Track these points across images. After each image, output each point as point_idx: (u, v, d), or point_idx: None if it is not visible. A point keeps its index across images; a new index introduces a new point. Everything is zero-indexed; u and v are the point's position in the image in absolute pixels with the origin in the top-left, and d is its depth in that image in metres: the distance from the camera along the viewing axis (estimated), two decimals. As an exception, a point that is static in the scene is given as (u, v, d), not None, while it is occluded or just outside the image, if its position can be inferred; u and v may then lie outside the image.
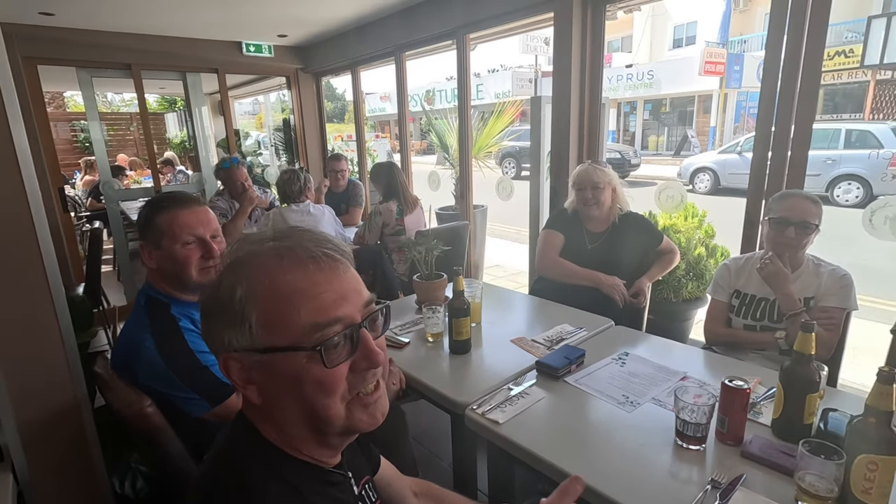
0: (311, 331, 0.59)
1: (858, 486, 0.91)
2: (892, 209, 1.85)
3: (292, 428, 0.64)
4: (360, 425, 0.65)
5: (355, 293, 0.64)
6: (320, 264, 0.61)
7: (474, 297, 1.81)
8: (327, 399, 0.62)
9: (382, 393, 0.68)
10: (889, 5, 14.55)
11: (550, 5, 2.63)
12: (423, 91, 22.13)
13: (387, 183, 2.98)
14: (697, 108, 17.56)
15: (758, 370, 1.49)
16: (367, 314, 0.65)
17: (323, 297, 0.60)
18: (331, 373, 0.61)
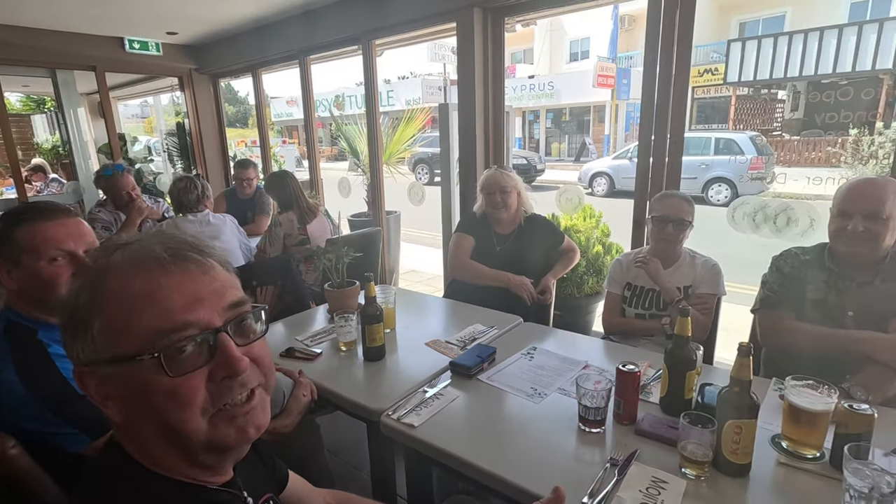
0: (156, 338, 0.54)
1: (728, 448, 1.03)
2: (749, 206, 2.14)
3: (154, 446, 0.58)
4: (228, 441, 0.59)
5: (215, 295, 0.59)
6: (168, 267, 0.56)
7: (387, 303, 1.81)
8: (182, 412, 0.56)
9: (257, 405, 0.62)
10: (744, 31, 16.83)
11: (453, 16, 2.71)
12: (333, 96, 21.68)
13: (281, 193, 2.87)
14: (593, 117, 18.97)
15: (649, 354, 1.64)
16: (232, 317, 0.60)
17: (169, 301, 0.55)
18: (180, 383, 0.55)
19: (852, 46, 11.88)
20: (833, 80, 13.63)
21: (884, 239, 1.44)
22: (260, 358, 0.62)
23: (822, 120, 14.75)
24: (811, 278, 1.58)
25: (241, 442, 0.61)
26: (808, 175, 4.77)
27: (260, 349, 0.63)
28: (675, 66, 2.17)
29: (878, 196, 1.44)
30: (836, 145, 12.03)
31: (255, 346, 0.62)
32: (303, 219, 2.82)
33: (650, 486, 1.02)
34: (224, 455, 0.62)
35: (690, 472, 1.05)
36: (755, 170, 9.61)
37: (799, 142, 13.84)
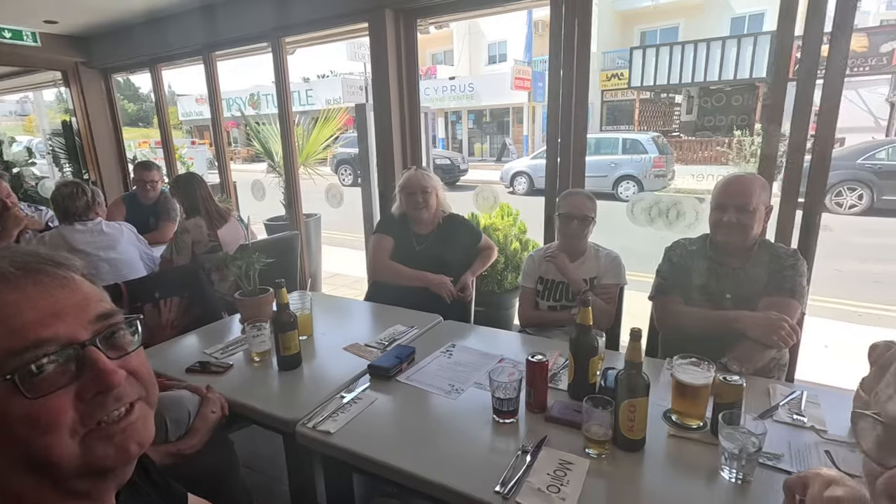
0: (6, 359, 0.49)
1: (624, 425, 1.12)
2: (645, 202, 2.33)
3: (16, 481, 0.52)
4: (107, 462, 0.55)
5: (76, 309, 0.55)
6: (16, 282, 0.52)
7: (303, 309, 1.76)
8: (46, 438, 0.51)
9: (138, 419, 0.58)
10: (644, 39, 18.22)
11: (364, 16, 2.68)
12: (248, 94, 20.62)
13: (188, 197, 2.69)
14: (512, 118, 19.63)
15: (561, 345, 1.73)
16: (101, 330, 0.56)
17: (19, 319, 0.51)
18: (41, 405, 0.50)
19: (733, 57, 13.27)
20: (719, 87, 15.15)
21: (752, 228, 1.63)
22: (138, 370, 0.58)
23: (712, 122, 16.34)
24: (696, 266, 1.75)
25: (122, 462, 0.56)
26: (702, 172, 5.27)
27: (137, 361, 0.59)
28: (575, 71, 2.31)
29: (747, 191, 1.62)
30: (723, 145, 13.41)
31: (133, 358, 0.58)
32: (212, 224, 2.66)
33: (557, 468, 1.08)
34: (102, 479, 0.57)
35: (593, 452, 1.12)
36: (658, 168, 10.48)
37: (693, 142, 15.25)
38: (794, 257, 1.64)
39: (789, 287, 1.58)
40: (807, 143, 2.00)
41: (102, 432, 0.54)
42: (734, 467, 1.03)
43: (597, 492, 1.03)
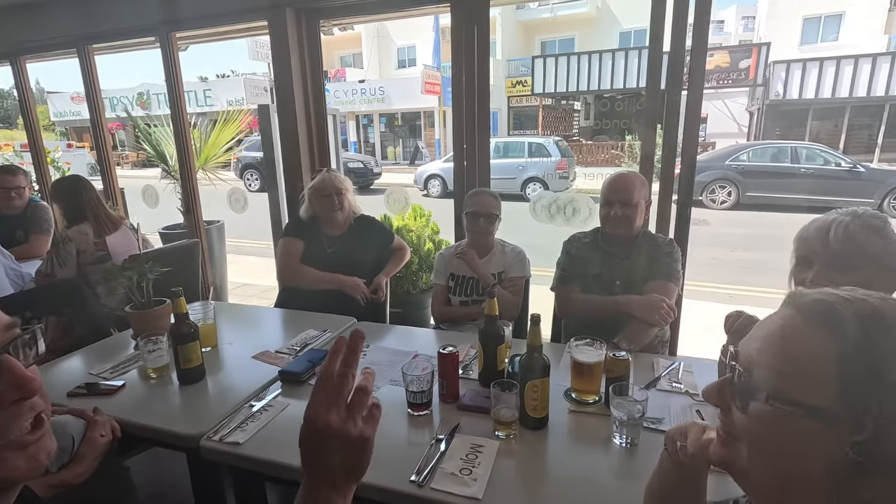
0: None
1: (529, 405, 1.20)
2: (545, 200, 2.49)
3: None
4: (17, 474, 0.54)
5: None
6: None
7: (206, 319, 1.67)
8: None
9: (47, 431, 0.57)
10: (544, 49, 19.35)
11: (263, 14, 2.59)
12: (137, 93, 18.83)
13: (70, 202, 2.42)
14: (424, 122, 19.86)
15: (472, 337, 1.79)
16: (8, 340, 0.55)
17: None
18: None
19: (622, 67, 14.55)
20: (612, 95, 16.54)
21: (636, 220, 1.82)
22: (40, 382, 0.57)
23: (607, 127, 17.76)
24: (590, 257, 1.91)
25: (34, 473, 0.55)
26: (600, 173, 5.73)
27: (37, 374, 0.57)
28: (477, 77, 2.41)
29: (630, 187, 1.81)
30: (616, 149, 14.64)
31: (31, 369, 0.57)
32: (101, 231, 2.41)
33: (469, 452, 1.13)
34: (5, 493, 0.56)
35: (502, 433, 1.19)
36: (561, 170, 11.16)
37: (591, 145, 16.48)
38: (670, 245, 1.85)
39: (667, 272, 1.79)
40: (677, 146, 2.26)
41: (14, 444, 0.54)
42: (623, 433, 1.15)
43: (506, 470, 1.09)
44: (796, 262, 1.17)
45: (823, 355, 0.46)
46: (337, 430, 0.57)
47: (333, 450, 0.58)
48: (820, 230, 1.10)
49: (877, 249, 1.05)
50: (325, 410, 0.58)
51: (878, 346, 0.44)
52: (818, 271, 1.10)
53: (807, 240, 1.13)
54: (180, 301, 1.43)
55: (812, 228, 1.13)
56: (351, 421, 0.58)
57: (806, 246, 1.13)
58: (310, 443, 0.58)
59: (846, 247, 1.06)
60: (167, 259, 2.11)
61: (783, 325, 0.51)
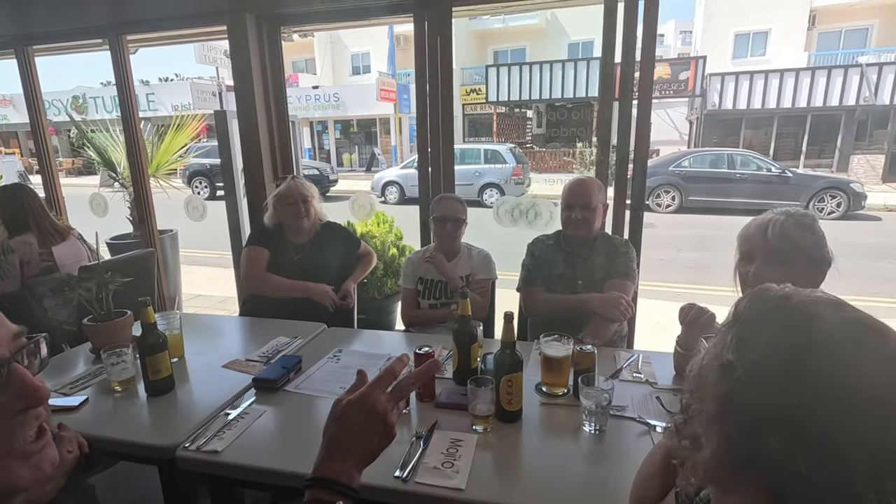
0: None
1: (504, 400, 1.26)
2: (508, 205, 2.58)
3: None
4: (21, 483, 0.54)
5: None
6: None
7: (172, 329, 1.63)
8: None
9: (49, 441, 0.57)
10: (497, 58, 19.77)
11: (222, 18, 2.55)
12: (71, 97, 17.74)
13: (11, 211, 2.29)
14: (380, 129, 19.79)
15: (442, 339, 1.85)
16: (16, 349, 0.55)
17: None
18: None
19: (572, 77, 15.11)
20: (563, 104, 17.14)
21: (594, 223, 1.93)
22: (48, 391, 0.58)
23: (558, 135, 18.35)
24: (553, 257, 2.00)
25: (38, 481, 0.55)
26: (554, 179, 5.93)
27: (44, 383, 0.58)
28: (440, 86, 2.47)
29: (588, 192, 1.92)
30: (568, 155, 15.18)
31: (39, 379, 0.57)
32: (46, 242, 2.28)
33: (450, 446, 1.18)
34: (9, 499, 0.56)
35: (479, 427, 1.24)
36: (516, 176, 11.42)
37: (544, 152, 16.98)
38: (626, 246, 1.98)
39: (624, 271, 1.90)
40: (630, 152, 2.41)
41: (19, 453, 0.54)
42: (592, 421, 1.23)
43: (485, 461, 1.15)
44: (740, 258, 1.30)
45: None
46: (384, 414, 0.70)
47: (374, 432, 0.70)
48: (759, 228, 1.23)
49: (807, 244, 1.19)
50: (385, 398, 0.71)
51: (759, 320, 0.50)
52: (759, 264, 1.23)
53: (748, 237, 1.26)
54: (148, 311, 1.39)
55: (752, 226, 1.26)
56: (394, 413, 0.72)
57: (748, 242, 1.27)
58: (356, 420, 0.69)
59: (782, 242, 1.19)
60: (123, 269, 2.03)
61: None
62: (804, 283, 1.19)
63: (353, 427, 0.69)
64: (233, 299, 4.59)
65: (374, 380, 0.72)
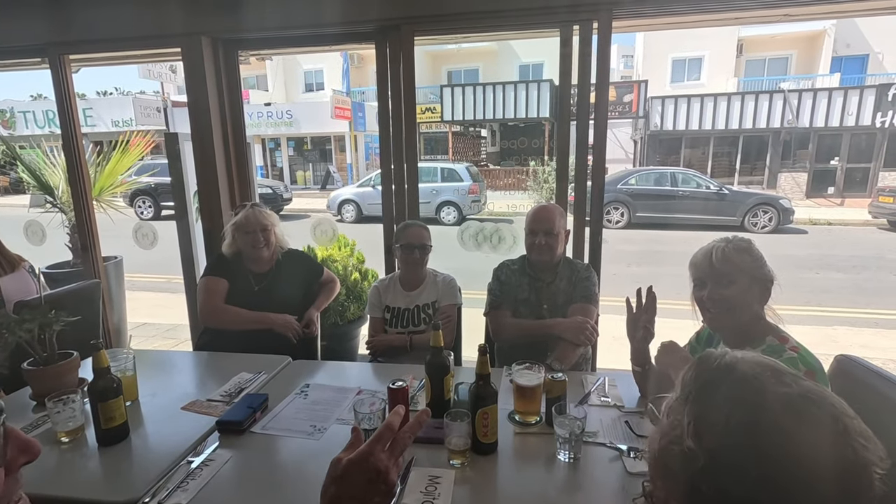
0: None
1: (480, 432, 1.26)
2: (472, 229, 2.62)
3: None
4: None
5: None
6: None
7: (125, 370, 1.53)
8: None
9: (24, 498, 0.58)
10: (451, 78, 20.15)
11: (176, 41, 2.47)
12: (-5, 111, 16.53)
13: None
14: (335, 146, 19.62)
15: (411, 369, 1.83)
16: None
17: None
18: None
19: (524, 98, 15.61)
20: (515, 123, 17.65)
21: (557, 248, 1.99)
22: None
23: (512, 153, 18.84)
24: (519, 282, 2.04)
25: None
26: (509, 197, 6.06)
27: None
28: (403, 109, 2.49)
29: (551, 217, 1.97)
30: (522, 174, 15.58)
31: None
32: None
33: (428, 484, 1.16)
34: None
35: (456, 462, 1.24)
36: (473, 194, 11.59)
37: (499, 170, 17.36)
38: (587, 270, 2.04)
39: (587, 295, 1.96)
40: (587, 171, 2.50)
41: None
42: (566, 449, 1.25)
43: (464, 496, 1.14)
44: (694, 285, 1.40)
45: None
46: (386, 475, 0.70)
47: (376, 491, 0.69)
48: (705, 256, 1.34)
49: (747, 265, 1.31)
50: (385, 456, 0.71)
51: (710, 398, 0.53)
52: (711, 288, 1.33)
53: (697, 265, 1.37)
54: (101, 354, 1.30)
55: (699, 255, 1.37)
56: (395, 470, 0.72)
57: (697, 270, 1.37)
58: (358, 480, 0.69)
59: (725, 266, 1.30)
60: (65, 304, 1.89)
61: None
62: (752, 299, 1.29)
63: (354, 487, 0.68)
64: (182, 327, 4.36)
65: (375, 437, 0.71)
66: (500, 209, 12.67)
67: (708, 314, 1.37)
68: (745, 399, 0.51)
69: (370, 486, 0.68)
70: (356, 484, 0.68)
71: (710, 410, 0.52)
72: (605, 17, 2.21)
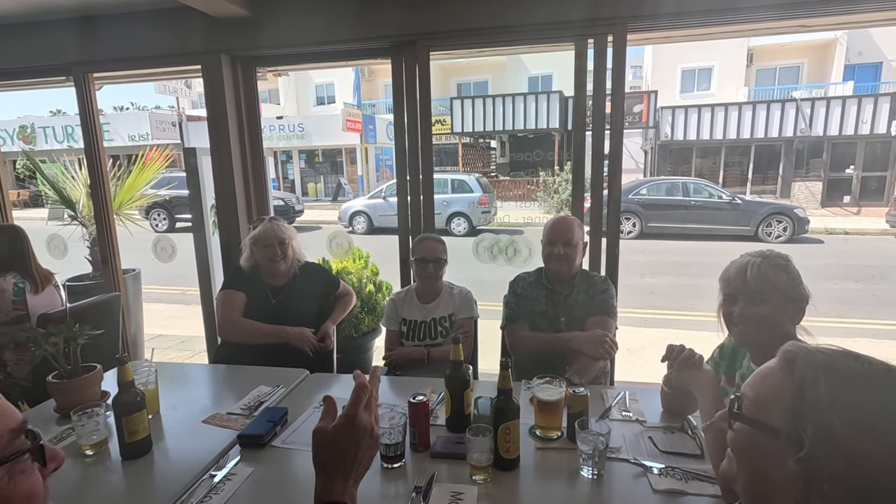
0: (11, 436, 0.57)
1: (502, 447, 1.25)
2: (487, 242, 2.62)
3: None
4: None
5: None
6: None
7: (148, 384, 1.54)
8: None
9: None
10: (460, 90, 20.31)
11: (196, 58, 2.52)
12: (18, 126, 16.95)
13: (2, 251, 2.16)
14: (346, 158, 19.81)
15: (432, 382, 1.82)
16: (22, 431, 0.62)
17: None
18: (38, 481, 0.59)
19: (533, 109, 15.68)
20: (525, 134, 17.70)
21: (575, 259, 1.98)
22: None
23: (522, 164, 18.86)
24: (535, 294, 2.03)
25: None
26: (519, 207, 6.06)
27: None
28: (419, 117, 2.51)
29: (570, 228, 1.97)
30: (532, 184, 15.59)
31: None
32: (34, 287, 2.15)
33: (451, 500, 1.15)
34: None
35: (479, 478, 1.22)
36: (483, 205, 11.61)
37: (508, 181, 17.39)
38: (605, 282, 2.03)
39: (605, 308, 1.95)
40: (603, 182, 2.49)
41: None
42: (590, 465, 1.23)
43: (488, 514, 1.13)
44: (723, 299, 1.36)
45: (782, 389, 0.61)
46: (371, 429, 0.80)
47: (366, 446, 0.80)
48: (739, 271, 1.30)
49: (783, 284, 1.27)
50: (367, 414, 0.80)
51: (816, 387, 0.57)
52: (742, 305, 1.30)
53: (729, 280, 1.33)
54: (126, 368, 1.32)
55: (732, 270, 1.33)
56: (375, 424, 0.82)
57: (730, 285, 1.33)
58: (349, 442, 0.78)
59: (760, 283, 1.27)
60: (87, 316, 1.93)
61: (765, 367, 0.65)
62: (785, 318, 1.26)
63: (348, 448, 0.78)
64: (198, 339, 4.40)
65: (354, 400, 0.80)
66: (511, 220, 12.66)
67: (735, 329, 1.34)
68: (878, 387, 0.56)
69: (361, 443, 0.79)
70: (348, 445, 0.78)
71: (849, 409, 0.55)
72: (620, 30, 2.23)
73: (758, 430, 0.62)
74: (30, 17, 2.56)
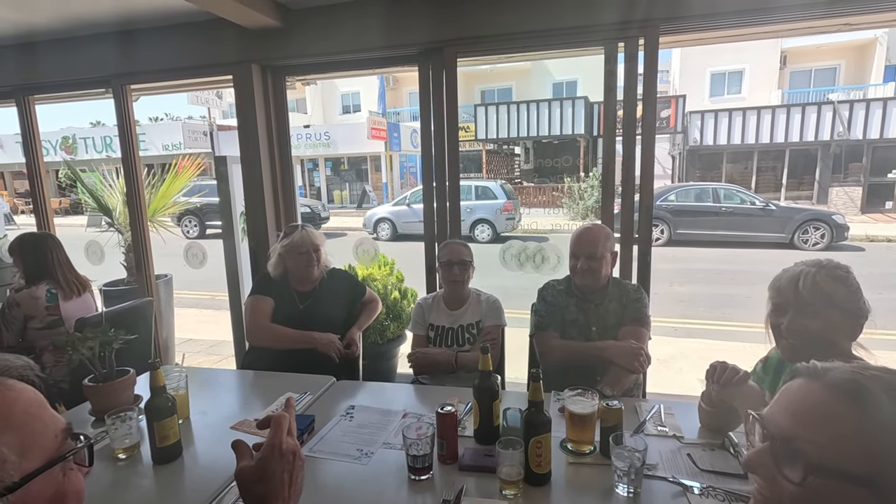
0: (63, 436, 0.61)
1: (533, 462, 1.21)
2: (514, 249, 2.58)
3: None
4: None
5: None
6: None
7: (178, 389, 1.56)
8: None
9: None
10: (484, 97, 20.32)
11: (228, 69, 2.58)
12: (61, 137, 17.73)
13: (33, 261, 2.24)
14: (370, 166, 20.02)
15: (457, 391, 1.79)
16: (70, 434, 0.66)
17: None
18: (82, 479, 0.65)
19: (558, 115, 15.55)
20: (549, 140, 17.57)
21: (601, 271, 1.91)
22: None
23: (546, 170, 18.70)
24: (566, 303, 1.98)
25: None
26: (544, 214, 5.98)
27: None
28: (446, 124, 2.50)
29: (594, 241, 1.91)
30: (557, 190, 15.43)
31: None
32: (57, 296, 2.23)
33: (480, 516, 1.12)
34: None
35: (509, 493, 1.19)
36: (507, 211, 11.54)
37: (532, 187, 17.27)
38: (638, 291, 1.97)
39: (638, 318, 1.89)
40: (635, 187, 2.43)
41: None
42: (626, 482, 1.18)
43: (519, 531, 1.09)
44: (772, 308, 1.29)
45: (862, 428, 0.52)
46: (297, 451, 0.81)
47: (298, 468, 0.81)
48: (791, 280, 1.23)
49: (841, 297, 1.19)
50: (292, 438, 0.82)
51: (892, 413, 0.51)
52: (792, 317, 1.22)
53: (780, 289, 1.26)
54: (158, 373, 1.33)
55: (784, 279, 1.25)
56: (297, 445, 0.83)
57: (780, 295, 1.26)
58: (281, 469, 0.78)
59: (814, 295, 1.19)
60: (121, 321, 1.97)
61: (816, 402, 0.57)
62: (840, 334, 1.17)
63: (283, 474, 0.78)
64: (226, 343, 4.47)
65: (276, 428, 0.81)
66: (536, 226, 12.55)
67: (783, 342, 1.26)
68: None
69: (292, 468, 0.80)
70: (282, 471, 0.78)
71: None
72: (651, 33, 2.18)
73: (839, 482, 0.52)
74: (71, 31, 2.67)
